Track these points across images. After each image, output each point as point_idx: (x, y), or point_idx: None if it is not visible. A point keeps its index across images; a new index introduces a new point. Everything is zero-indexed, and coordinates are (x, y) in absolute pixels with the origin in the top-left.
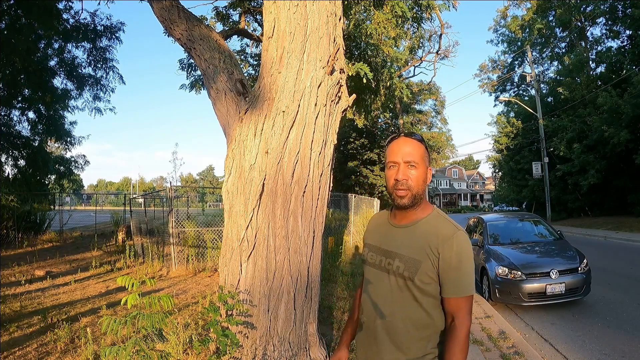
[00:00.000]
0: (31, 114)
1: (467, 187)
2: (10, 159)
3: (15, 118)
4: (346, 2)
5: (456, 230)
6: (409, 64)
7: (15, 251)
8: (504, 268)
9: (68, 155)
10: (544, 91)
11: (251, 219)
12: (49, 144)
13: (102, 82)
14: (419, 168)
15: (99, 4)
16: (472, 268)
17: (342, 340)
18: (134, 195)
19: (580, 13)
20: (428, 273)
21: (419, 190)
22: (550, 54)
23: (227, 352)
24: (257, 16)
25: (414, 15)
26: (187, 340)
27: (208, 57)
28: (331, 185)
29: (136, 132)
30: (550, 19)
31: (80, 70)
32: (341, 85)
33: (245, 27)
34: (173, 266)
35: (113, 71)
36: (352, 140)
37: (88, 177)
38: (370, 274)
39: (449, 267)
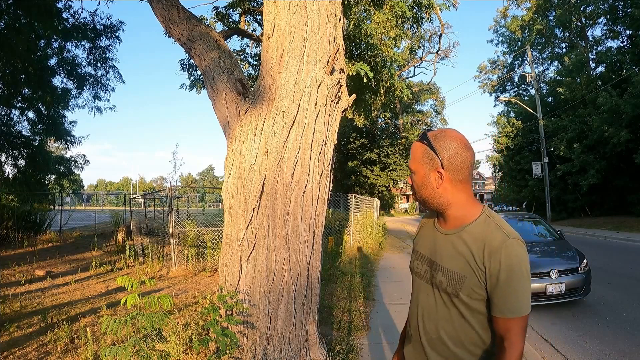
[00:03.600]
0: (31, 114)
1: None
2: (10, 159)
3: (15, 118)
4: (346, 2)
5: (506, 239)
6: (409, 64)
7: (15, 251)
8: None
9: (68, 155)
10: (544, 91)
11: (251, 219)
12: (48, 143)
13: (102, 82)
14: (417, 173)
15: (98, 3)
16: (527, 283)
17: (398, 347)
18: (134, 195)
19: (581, 13)
20: (474, 289)
21: (424, 195)
22: (550, 54)
23: (227, 351)
24: (257, 16)
25: (414, 15)
26: (187, 340)
27: (208, 57)
28: (331, 185)
29: (136, 132)
30: (550, 19)
31: (80, 70)
32: (341, 85)
33: (245, 27)
34: (173, 266)
35: (113, 70)
36: (352, 140)
37: (88, 177)
38: (416, 284)
39: (497, 283)
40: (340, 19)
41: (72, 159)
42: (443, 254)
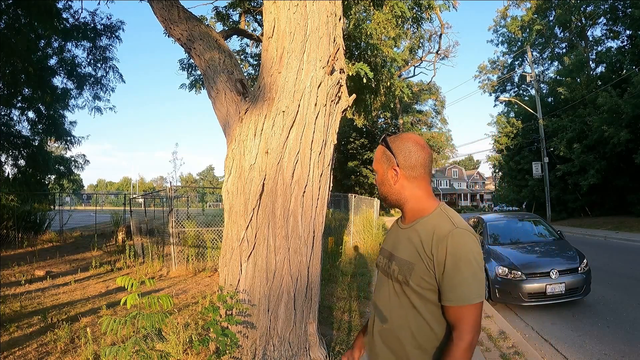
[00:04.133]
0: (31, 114)
1: (467, 187)
2: (10, 159)
3: (15, 118)
4: (346, 2)
5: (453, 229)
6: (409, 64)
7: (15, 251)
8: (504, 268)
9: (68, 154)
10: (544, 91)
11: (251, 219)
12: (48, 143)
13: (102, 82)
14: (378, 172)
15: (98, 3)
16: (475, 271)
17: (355, 341)
18: (134, 195)
19: (581, 13)
20: (424, 277)
21: (383, 191)
22: (550, 54)
23: (227, 351)
24: (257, 16)
25: (414, 15)
26: (187, 340)
27: (208, 57)
28: (331, 185)
29: (136, 132)
30: (550, 19)
31: (80, 70)
32: (341, 85)
33: (245, 27)
34: (173, 266)
35: (113, 70)
36: (352, 140)
37: (88, 177)
38: (378, 278)
39: (444, 271)
40: (340, 19)
41: (72, 159)
42: (399, 246)
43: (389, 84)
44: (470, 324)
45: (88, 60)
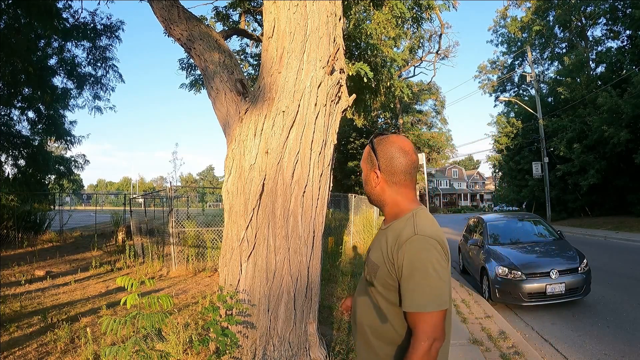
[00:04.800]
0: (31, 114)
1: (467, 187)
2: (10, 159)
3: (15, 117)
4: (346, 2)
5: (413, 235)
6: (409, 64)
7: (15, 251)
8: (504, 268)
9: (68, 154)
10: (544, 91)
11: (251, 219)
12: (48, 143)
13: (102, 81)
14: (363, 171)
15: (98, 3)
16: (430, 280)
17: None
18: (134, 195)
19: (581, 13)
20: (387, 279)
21: (366, 190)
22: (550, 54)
23: (227, 351)
24: (257, 16)
25: (414, 15)
26: (187, 340)
27: (208, 57)
28: (331, 185)
29: (136, 132)
30: (550, 19)
31: (80, 70)
32: (341, 85)
33: (245, 27)
34: (173, 266)
35: (113, 70)
36: (352, 140)
37: (88, 177)
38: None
39: (402, 276)
40: (340, 19)
41: (72, 158)
42: (373, 248)
43: (388, 84)
44: (425, 332)
45: (88, 60)
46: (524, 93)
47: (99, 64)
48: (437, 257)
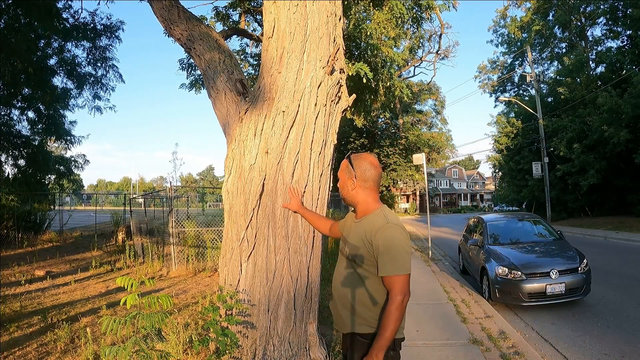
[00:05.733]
0: (31, 114)
1: (467, 187)
2: (10, 159)
3: (15, 117)
4: (346, 2)
5: (385, 223)
6: (409, 64)
7: (15, 251)
8: (504, 268)
9: (68, 154)
10: (544, 91)
11: (251, 219)
12: (48, 143)
13: (102, 81)
14: (341, 179)
15: (98, 3)
16: (402, 252)
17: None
18: (134, 195)
19: (580, 13)
20: (366, 257)
21: (343, 194)
22: (550, 54)
23: (227, 351)
24: (257, 16)
25: (414, 15)
26: (187, 340)
27: (208, 57)
28: (331, 185)
29: (136, 132)
30: (550, 19)
31: (80, 70)
32: (341, 85)
33: (245, 27)
34: (173, 266)
35: (113, 70)
36: (352, 140)
37: (88, 177)
38: (338, 257)
39: (379, 252)
40: (340, 19)
41: (72, 158)
42: (351, 234)
43: (388, 84)
44: (399, 288)
45: (88, 60)
46: (524, 93)
47: (99, 64)
48: (403, 236)
